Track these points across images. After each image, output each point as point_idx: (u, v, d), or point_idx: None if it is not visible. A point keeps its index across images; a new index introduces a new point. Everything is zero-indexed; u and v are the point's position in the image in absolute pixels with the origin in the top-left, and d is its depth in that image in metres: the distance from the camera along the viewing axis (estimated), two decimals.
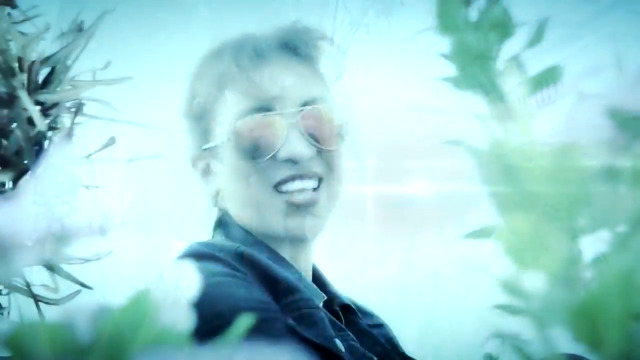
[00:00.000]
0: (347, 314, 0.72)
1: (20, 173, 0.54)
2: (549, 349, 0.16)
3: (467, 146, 0.18)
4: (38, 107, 0.54)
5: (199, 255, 0.60)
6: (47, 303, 0.57)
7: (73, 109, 0.57)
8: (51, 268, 0.51)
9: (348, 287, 0.78)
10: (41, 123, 0.53)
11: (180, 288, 0.23)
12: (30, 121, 0.53)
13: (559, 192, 0.16)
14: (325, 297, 0.68)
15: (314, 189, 0.68)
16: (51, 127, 0.56)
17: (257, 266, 0.61)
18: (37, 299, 0.53)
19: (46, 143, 0.56)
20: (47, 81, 0.57)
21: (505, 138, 0.16)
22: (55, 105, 0.56)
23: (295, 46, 0.71)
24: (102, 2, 0.68)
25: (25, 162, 0.54)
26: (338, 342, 0.59)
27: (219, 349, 0.16)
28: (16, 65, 0.55)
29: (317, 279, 0.76)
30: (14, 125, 0.53)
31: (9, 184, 0.54)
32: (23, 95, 0.52)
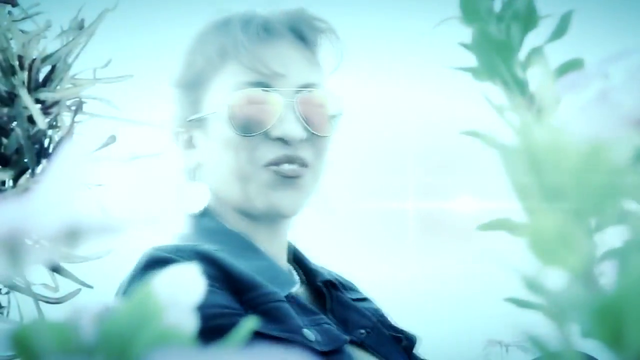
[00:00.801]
0: (331, 289, 0.72)
1: (20, 171, 0.54)
2: (567, 346, 0.15)
3: (486, 138, 0.18)
4: (38, 106, 0.54)
5: (157, 262, 0.59)
6: (47, 302, 0.57)
7: (73, 107, 0.57)
8: (54, 268, 0.51)
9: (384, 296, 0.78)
10: (41, 121, 0.52)
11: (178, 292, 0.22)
12: (31, 119, 0.53)
13: (587, 186, 0.16)
14: (297, 283, 0.68)
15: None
16: (51, 126, 0.56)
17: (217, 264, 0.60)
18: (37, 298, 0.53)
19: (46, 141, 0.56)
20: (47, 79, 0.57)
21: (528, 130, 0.16)
22: (55, 103, 0.56)
23: (300, 30, 0.72)
24: (103, 1, 0.68)
25: (26, 160, 0.54)
26: (307, 331, 0.58)
27: (226, 351, 0.15)
28: (17, 63, 0.55)
29: (297, 259, 0.75)
30: (15, 123, 0.53)
31: (9, 183, 0.54)
32: (23, 94, 0.52)
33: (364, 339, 0.66)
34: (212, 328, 0.31)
